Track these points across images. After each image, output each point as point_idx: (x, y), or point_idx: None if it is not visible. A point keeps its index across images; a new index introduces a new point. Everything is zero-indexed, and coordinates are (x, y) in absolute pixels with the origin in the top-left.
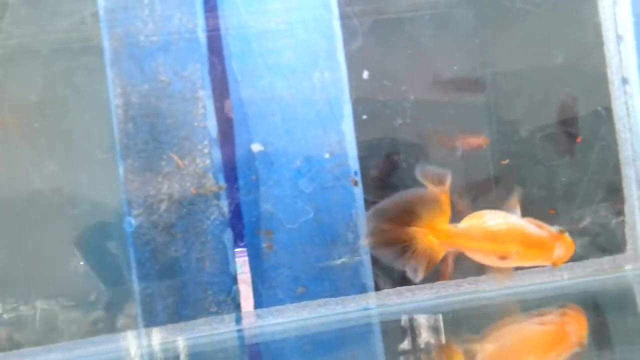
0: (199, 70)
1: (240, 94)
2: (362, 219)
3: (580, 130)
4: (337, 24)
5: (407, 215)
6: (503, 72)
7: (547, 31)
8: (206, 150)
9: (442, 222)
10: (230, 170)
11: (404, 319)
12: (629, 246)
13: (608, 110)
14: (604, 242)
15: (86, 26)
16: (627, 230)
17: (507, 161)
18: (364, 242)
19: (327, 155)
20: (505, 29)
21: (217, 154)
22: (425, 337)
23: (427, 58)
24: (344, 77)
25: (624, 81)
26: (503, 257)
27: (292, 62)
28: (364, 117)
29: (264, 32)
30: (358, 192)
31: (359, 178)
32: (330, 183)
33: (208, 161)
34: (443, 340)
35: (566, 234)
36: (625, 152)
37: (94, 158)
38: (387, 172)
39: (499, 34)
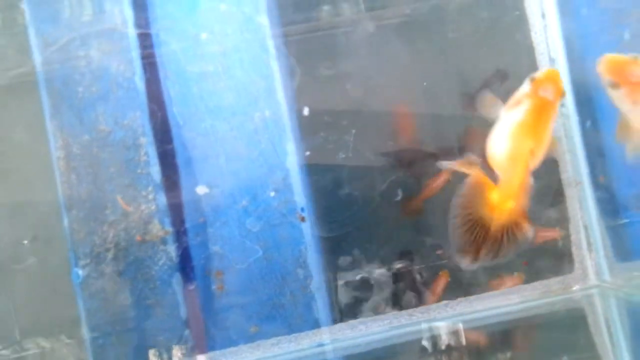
0: (139, 118)
1: (182, 138)
2: (313, 255)
3: None
4: (274, 64)
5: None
6: (440, 101)
7: (482, 59)
8: (151, 197)
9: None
10: (177, 215)
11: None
12: (576, 265)
13: None
14: (553, 263)
15: (24, 81)
16: (574, 250)
17: None
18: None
19: (272, 194)
20: (440, 60)
21: (162, 199)
22: None
23: (364, 92)
24: (285, 115)
25: (560, 103)
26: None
27: (232, 103)
28: (307, 153)
29: (203, 76)
30: (306, 228)
31: (305, 214)
32: (277, 221)
33: (153, 207)
34: None
35: (536, 75)
36: (567, 174)
37: (38, 211)
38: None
39: (435, 65)
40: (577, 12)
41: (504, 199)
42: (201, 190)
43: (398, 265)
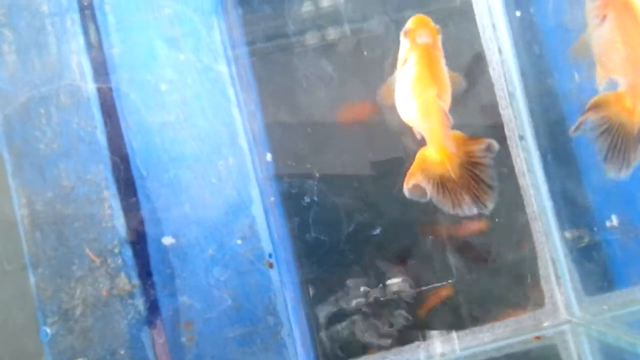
0: (102, 171)
1: (146, 189)
2: (282, 302)
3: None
4: (236, 111)
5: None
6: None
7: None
8: (116, 250)
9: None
10: (143, 267)
11: None
12: (547, 300)
13: (509, 168)
14: (522, 299)
15: None
16: (543, 284)
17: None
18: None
19: (239, 241)
20: None
21: (128, 253)
22: None
23: (327, 135)
24: (248, 161)
25: (521, 138)
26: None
27: (195, 152)
28: (272, 198)
29: (164, 125)
30: (274, 274)
31: (273, 260)
32: (245, 268)
33: (119, 261)
34: None
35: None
36: (531, 207)
37: (3, 271)
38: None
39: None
40: (531, 48)
41: (436, 152)
42: (167, 240)
43: (376, 294)
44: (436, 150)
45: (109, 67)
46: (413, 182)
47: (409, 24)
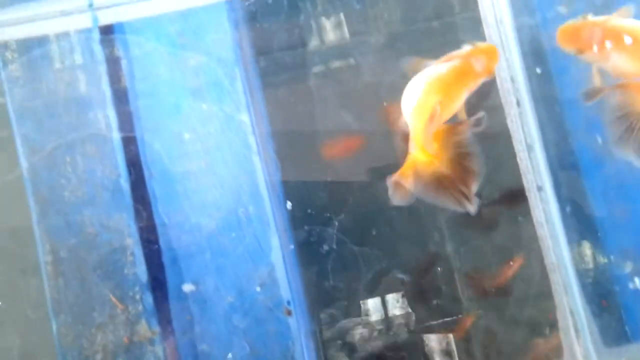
0: (125, 219)
1: (168, 236)
2: (300, 350)
3: (505, 239)
4: (256, 159)
5: None
6: None
7: None
8: (138, 297)
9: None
10: (164, 314)
11: None
12: (565, 352)
13: (527, 217)
14: (542, 353)
15: (11, 187)
16: (562, 336)
17: None
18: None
19: (258, 289)
20: None
21: (149, 299)
22: None
23: (347, 184)
24: (268, 209)
25: (539, 189)
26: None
27: (216, 200)
28: (292, 246)
29: (187, 174)
30: (292, 322)
31: (292, 308)
32: (263, 315)
33: (140, 307)
34: None
35: (477, 44)
36: (549, 259)
37: (27, 318)
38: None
39: None
40: (550, 103)
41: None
42: (187, 288)
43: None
44: (420, 151)
45: (134, 117)
46: (404, 182)
47: (482, 44)
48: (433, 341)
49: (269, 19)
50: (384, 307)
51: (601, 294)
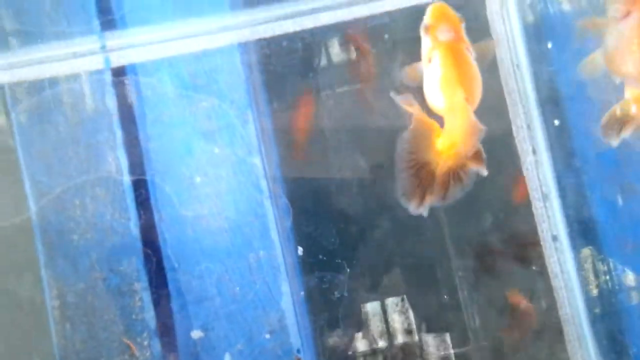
0: (134, 263)
1: (177, 281)
2: None
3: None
4: (268, 204)
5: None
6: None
7: (476, 197)
8: (146, 343)
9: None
10: None
11: None
12: None
13: (542, 267)
14: None
15: (19, 230)
16: None
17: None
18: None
19: (267, 336)
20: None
21: (156, 346)
22: None
23: (358, 228)
24: (279, 255)
25: (554, 239)
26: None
27: (227, 244)
28: (302, 293)
29: (197, 218)
30: None
31: (302, 355)
32: None
33: (148, 353)
34: None
35: (427, 23)
36: (564, 310)
37: None
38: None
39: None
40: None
41: (450, 145)
42: (196, 334)
43: None
44: (445, 141)
45: (145, 160)
46: (402, 144)
47: (428, 16)
48: None
49: (282, 61)
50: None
51: (616, 346)
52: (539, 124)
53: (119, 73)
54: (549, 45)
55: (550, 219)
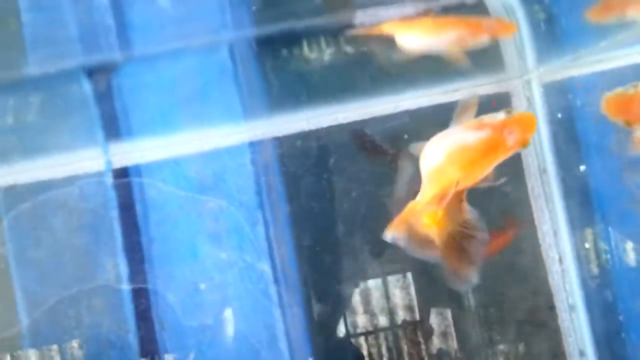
0: None
1: None
2: None
3: None
4: (277, 312)
5: None
6: None
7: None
8: None
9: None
10: None
11: None
12: None
13: None
14: None
15: (10, 344)
16: None
17: None
18: None
19: None
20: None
21: None
22: None
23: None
24: None
25: (581, 354)
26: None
27: (233, 356)
28: None
29: (201, 329)
30: None
31: None
32: None
33: None
34: None
35: (513, 112)
36: (571, 338)
37: None
38: None
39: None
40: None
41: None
42: None
43: None
44: (427, 212)
45: (147, 265)
46: (396, 231)
47: (517, 114)
48: None
49: (297, 162)
50: None
51: None
52: (567, 234)
53: (121, 175)
54: (579, 150)
55: (577, 333)
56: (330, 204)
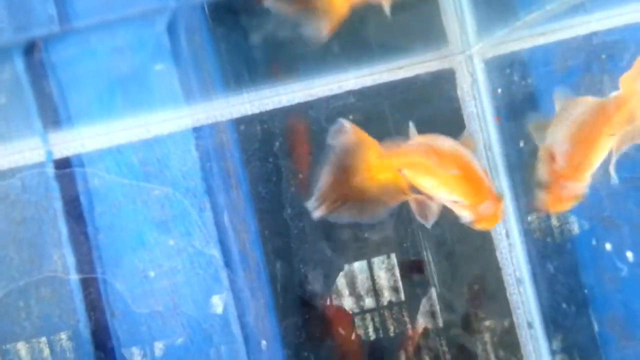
0: None
1: None
2: None
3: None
4: (229, 296)
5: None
6: None
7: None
8: None
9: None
10: None
11: None
12: None
13: (519, 358)
14: None
15: None
16: None
17: None
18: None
19: None
20: None
21: None
22: None
23: (326, 322)
24: (242, 349)
25: (530, 326)
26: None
27: (185, 341)
28: None
29: (152, 315)
30: None
31: None
32: None
33: None
34: None
35: (501, 203)
36: None
37: None
38: None
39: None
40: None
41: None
42: None
43: None
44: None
45: (94, 255)
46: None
47: (500, 205)
48: None
49: (241, 146)
50: None
51: None
52: (512, 207)
53: (62, 165)
54: (522, 126)
55: (525, 306)
56: (277, 188)
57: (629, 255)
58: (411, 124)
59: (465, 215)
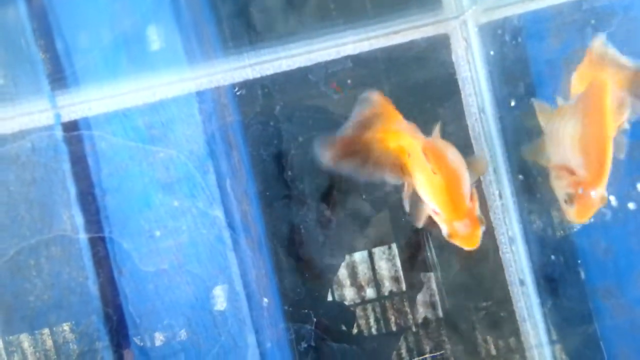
0: (94, 323)
1: (140, 338)
2: None
3: (488, 336)
4: (232, 255)
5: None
6: None
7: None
8: None
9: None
10: None
11: None
12: None
13: (510, 313)
14: None
15: None
16: None
17: None
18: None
19: None
20: None
21: None
22: None
23: (325, 281)
24: (244, 306)
25: (521, 283)
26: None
27: (190, 298)
28: (269, 345)
29: (158, 273)
30: None
31: None
32: None
33: None
34: None
35: (481, 228)
36: (530, 353)
37: None
38: None
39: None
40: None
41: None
42: None
43: None
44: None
45: (102, 215)
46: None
47: (478, 230)
48: None
49: (242, 110)
50: None
51: None
52: (503, 164)
53: (71, 128)
54: (514, 88)
55: (517, 264)
56: (277, 150)
57: (612, 199)
58: (439, 125)
59: (443, 228)
